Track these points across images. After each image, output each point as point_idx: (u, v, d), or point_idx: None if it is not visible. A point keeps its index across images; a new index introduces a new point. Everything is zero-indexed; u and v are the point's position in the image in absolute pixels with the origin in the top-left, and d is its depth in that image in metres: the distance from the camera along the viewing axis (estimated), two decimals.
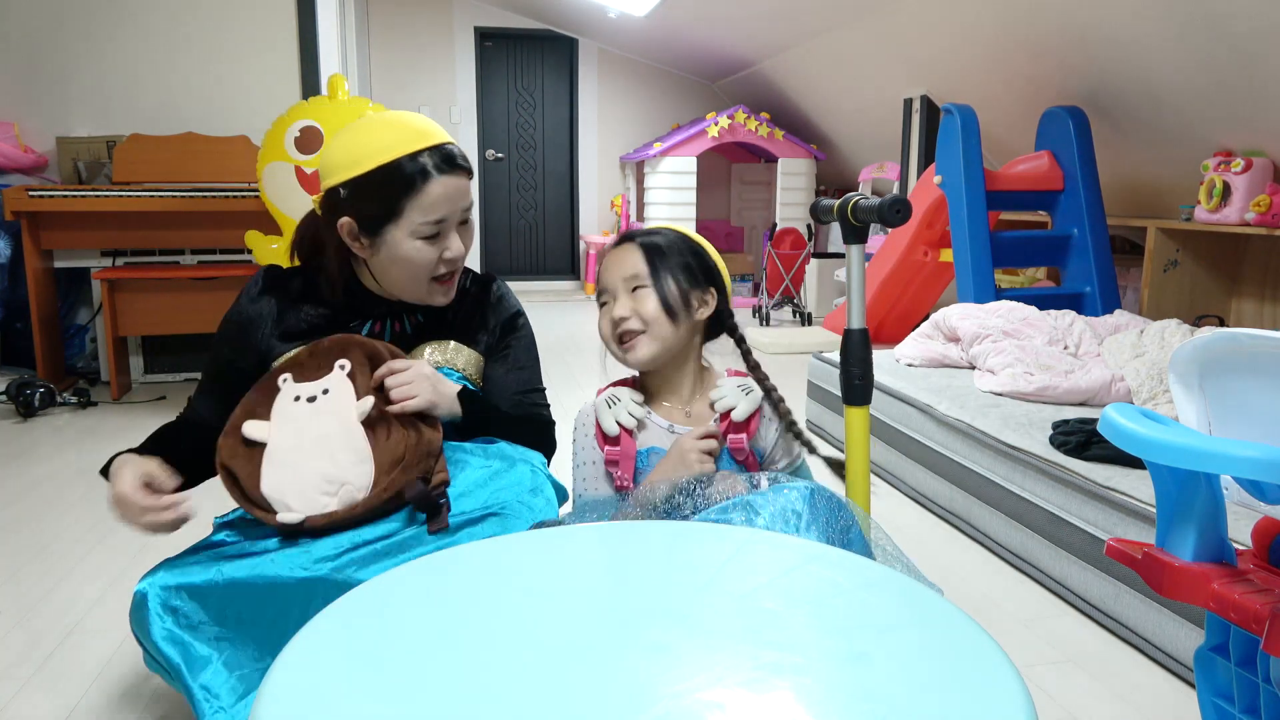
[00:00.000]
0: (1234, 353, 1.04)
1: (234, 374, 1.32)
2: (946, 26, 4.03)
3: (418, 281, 1.31)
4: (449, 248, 1.30)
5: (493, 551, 0.94)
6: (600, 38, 7.14)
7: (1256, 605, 0.85)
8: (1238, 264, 3.60)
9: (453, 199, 1.27)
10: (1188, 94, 3.18)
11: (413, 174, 1.24)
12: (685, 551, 0.94)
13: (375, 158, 1.24)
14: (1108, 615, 1.83)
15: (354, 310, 1.37)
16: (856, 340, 1.42)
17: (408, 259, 1.28)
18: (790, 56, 5.69)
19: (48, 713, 1.52)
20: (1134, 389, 2.51)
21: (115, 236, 3.70)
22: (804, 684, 0.66)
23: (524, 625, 0.76)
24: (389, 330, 1.38)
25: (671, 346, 1.31)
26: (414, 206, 1.25)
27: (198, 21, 4.09)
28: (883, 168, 5.41)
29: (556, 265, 7.66)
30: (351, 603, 0.80)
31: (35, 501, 2.53)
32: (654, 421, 1.34)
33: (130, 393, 3.76)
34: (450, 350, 1.39)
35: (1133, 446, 0.89)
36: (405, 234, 1.26)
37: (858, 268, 1.42)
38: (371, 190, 1.25)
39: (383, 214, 1.26)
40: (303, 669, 0.69)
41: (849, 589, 0.84)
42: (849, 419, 1.45)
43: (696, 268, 1.33)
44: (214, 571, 1.15)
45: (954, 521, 2.40)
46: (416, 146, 1.25)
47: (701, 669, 0.68)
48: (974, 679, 0.68)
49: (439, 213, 1.26)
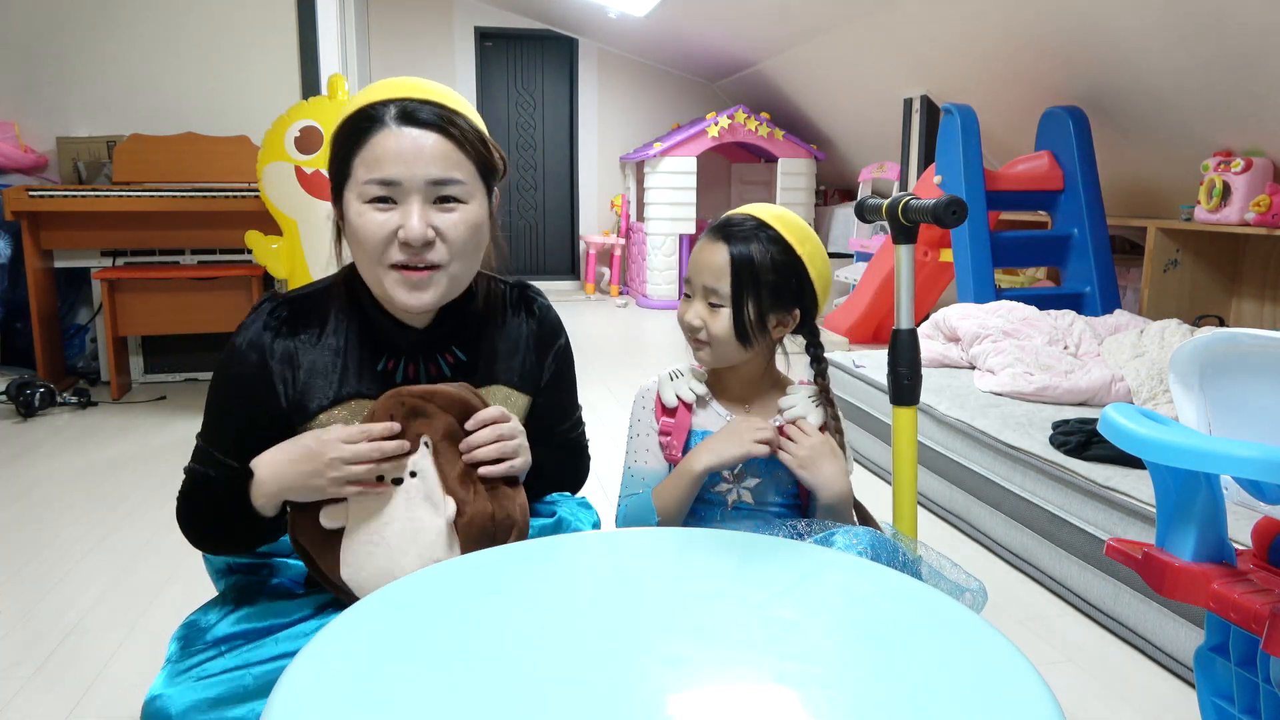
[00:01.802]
0: (1234, 353, 1.04)
1: (256, 433, 1.08)
2: (946, 26, 4.03)
3: (371, 263, 1.05)
4: (405, 225, 1.02)
5: (504, 560, 0.93)
6: (600, 38, 7.14)
7: (1256, 605, 0.85)
8: (1238, 264, 3.60)
9: (409, 159, 1.02)
10: (1188, 94, 3.18)
11: (362, 122, 1.04)
12: (696, 558, 0.93)
13: (350, 109, 1.07)
14: (1108, 615, 1.83)
15: (380, 345, 1.12)
16: (905, 341, 1.42)
17: (354, 229, 1.04)
18: (790, 56, 5.69)
19: (48, 713, 1.52)
20: (1134, 389, 2.51)
21: (115, 236, 3.70)
22: (830, 696, 0.64)
23: (536, 636, 0.75)
24: (424, 373, 1.14)
25: (739, 360, 1.27)
26: (360, 160, 1.03)
27: (198, 22, 4.09)
28: (883, 167, 5.41)
29: (556, 265, 7.66)
30: (361, 613, 0.80)
31: (35, 501, 2.53)
32: (714, 406, 1.30)
33: (130, 393, 3.76)
34: (495, 397, 1.17)
35: (1133, 446, 0.89)
36: (355, 196, 1.04)
37: (907, 268, 1.41)
38: (332, 147, 1.07)
39: (337, 174, 1.06)
40: (313, 680, 0.69)
41: (867, 597, 0.83)
42: (897, 419, 1.45)
43: (787, 287, 1.22)
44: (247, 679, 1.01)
45: (954, 521, 2.40)
46: (382, 97, 1.05)
47: (721, 681, 0.67)
48: (1000, 688, 0.66)
49: (386, 170, 1.01)
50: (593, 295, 7.20)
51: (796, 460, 1.21)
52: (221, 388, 1.10)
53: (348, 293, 1.13)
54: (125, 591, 1.97)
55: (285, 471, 1.02)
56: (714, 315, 1.23)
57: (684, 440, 1.28)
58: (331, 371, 1.10)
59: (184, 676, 1.03)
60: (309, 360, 1.10)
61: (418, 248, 1.03)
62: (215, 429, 1.10)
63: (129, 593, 1.97)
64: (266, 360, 1.08)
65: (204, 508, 1.10)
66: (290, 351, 1.09)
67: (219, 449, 1.09)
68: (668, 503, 1.23)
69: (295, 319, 1.11)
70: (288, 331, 1.10)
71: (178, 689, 1.01)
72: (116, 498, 2.53)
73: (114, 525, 2.34)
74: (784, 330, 1.26)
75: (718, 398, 1.31)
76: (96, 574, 2.06)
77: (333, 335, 1.11)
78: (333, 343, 1.11)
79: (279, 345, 1.09)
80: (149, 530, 2.30)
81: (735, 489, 1.27)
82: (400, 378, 1.12)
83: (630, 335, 5.40)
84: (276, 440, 1.07)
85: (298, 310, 1.11)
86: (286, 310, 1.11)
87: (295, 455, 1.02)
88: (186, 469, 1.12)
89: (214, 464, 1.09)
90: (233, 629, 1.08)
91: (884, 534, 1.10)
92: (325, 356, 1.10)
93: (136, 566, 2.10)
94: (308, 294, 1.13)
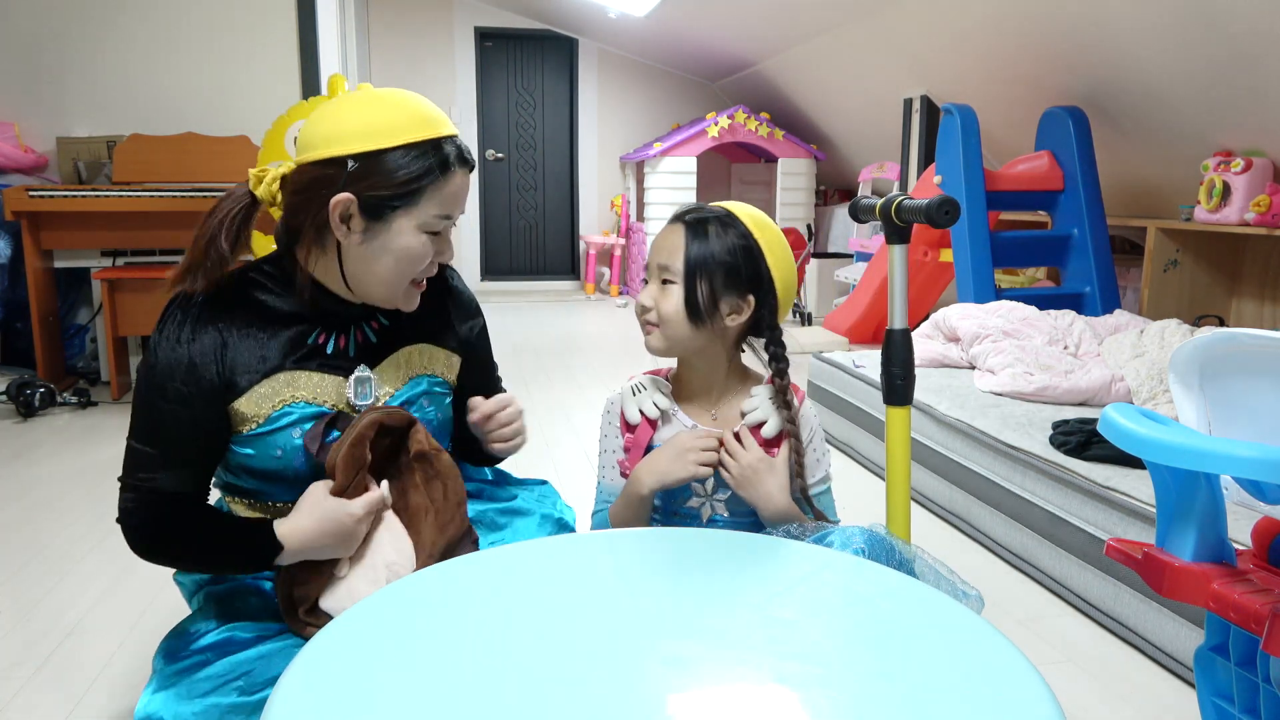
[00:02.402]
0: (1234, 353, 1.04)
1: (201, 436, 1.12)
2: (946, 26, 4.03)
3: (400, 280, 1.14)
4: (444, 250, 1.17)
5: (504, 560, 0.93)
6: (600, 38, 7.14)
7: (1256, 605, 0.85)
8: (1238, 264, 3.60)
9: (462, 198, 1.16)
10: (1188, 94, 3.18)
11: (442, 159, 1.11)
12: (696, 558, 0.93)
13: (402, 134, 1.09)
14: (1108, 615, 1.83)
15: (314, 318, 1.18)
16: (898, 341, 1.41)
17: (405, 252, 1.12)
18: (790, 56, 5.69)
19: (48, 713, 1.52)
20: (1134, 389, 2.51)
21: (115, 236, 3.70)
22: (830, 696, 0.64)
23: (536, 636, 0.75)
24: (353, 342, 1.20)
25: (688, 346, 1.25)
26: (433, 196, 1.11)
27: (198, 22, 4.09)
28: (883, 168, 5.41)
29: (556, 265, 7.66)
30: (362, 612, 0.80)
31: (35, 501, 2.53)
32: (679, 418, 1.28)
33: (130, 393, 3.76)
34: (424, 355, 1.26)
35: (1133, 446, 0.89)
36: (414, 224, 1.11)
37: (900, 268, 1.41)
38: (392, 169, 1.09)
39: (397, 197, 1.10)
40: (311, 681, 0.68)
41: (865, 596, 0.83)
42: (890, 419, 1.44)
43: (743, 271, 1.22)
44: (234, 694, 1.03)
45: (954, 521, 2.40)
46: (443, 132, 1.12)
47: (721, 681, 0.67)
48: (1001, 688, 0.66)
49: (452, 207, 1.14)
50: (593, 295, 7.20)
51: (732, 480, 1.20)
52: (152, 384, 1.11)
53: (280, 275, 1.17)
54: (125, 591, 1.98)
55: (317, 542, 1.09)
56: (665, 294, 1.23)
57: (639, 459, 1.26)
58: (260, 347, 1.14)
59: (173, 687, 1.03)
60: (233, 340, 1.13)
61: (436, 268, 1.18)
62: (155, 429, 1.11)
63: (129, 593, 1.97)
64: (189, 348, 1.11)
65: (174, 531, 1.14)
66: (213, 334, 1.12)
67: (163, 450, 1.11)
68: (622, 523, 1.23)
69: (213, 305, 1.13)
70: (207, 318, 1.12)
71: (167, 702, 1.01)
72: (116, 498, 2.53)
73: (114, 525, 2.32)
74: (737, 318, 1.24)
75: (683, 404, 1.29)
76: (96, 574, 2.06)
77: (254, 315, 1.15)
78: (255, 321, 1.15)
79: (200, 332, 1.11)
80: None
81: (708, 503, 1.26)
82: (331, 348, 1.18)
83: (630, 335, 5.40)
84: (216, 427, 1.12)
85: (215, 296, 1.14)
86: (201, 297, 1.13)
87: (329, 529, 1.08)
88: (125, 480, 1.14)
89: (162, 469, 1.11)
90: (219, 637, 1.09)
91: (878, 534, 1.09)
92: (251, 333, 1.14)
93: (136, 566, 2.10)
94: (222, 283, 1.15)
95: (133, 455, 1.12)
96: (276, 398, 1.13)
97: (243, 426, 1.13)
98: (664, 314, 1.23)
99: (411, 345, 1.25)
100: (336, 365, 1.18)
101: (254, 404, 1.12)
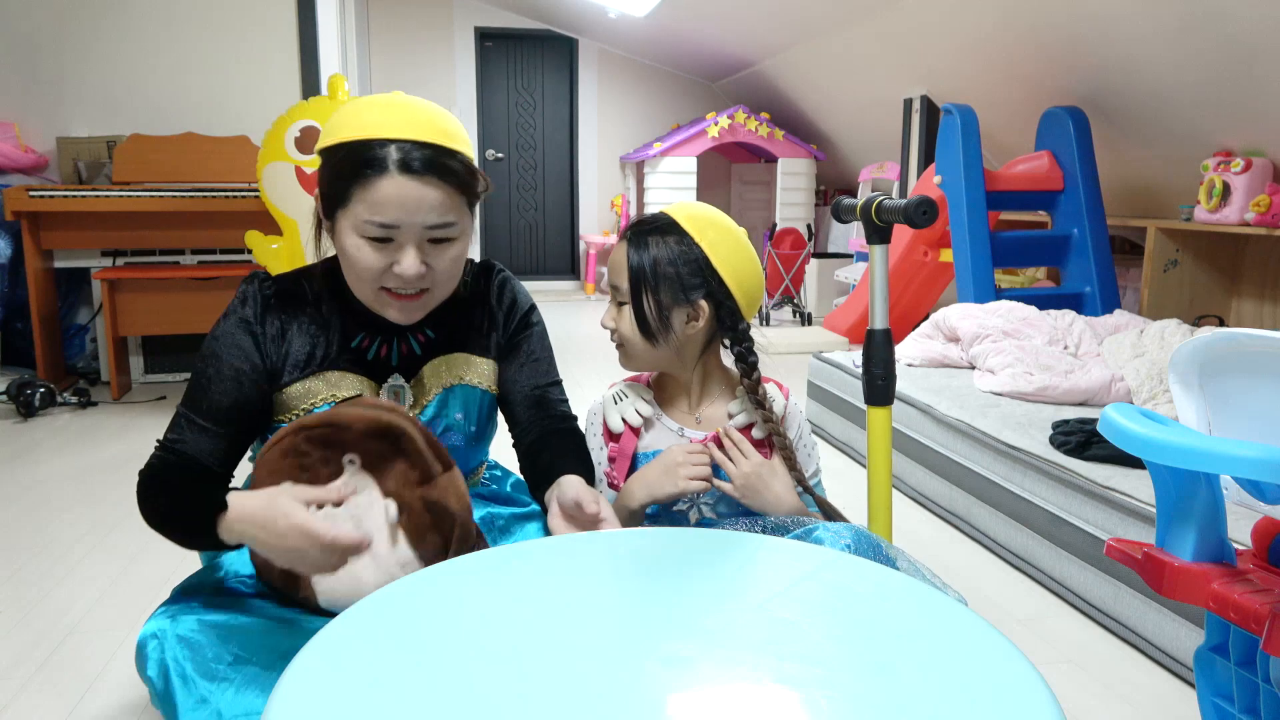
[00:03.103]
0: (1234, 353, 1.04)
1: (242, 413, 1.13)
2: (946, 26, 4.03)
3: (362, 285, 1.12)
4: (399, 262, 1.08)
5: (503, 560, 0.93)
6: (600, 38, 7.14)
7: (1256, 605, 0.85)
8: (1238, 264, 3.60)
9: (409, 207, 1.06)
10: (1188, 94, 3.18)
11: (366, 160, 1.06)
12: (696, 558, 0.93)
13: (347, 131, 1.08)
14: (1108, 615, 1.83)
15: (358, 325, 1.20)
16: (879, 341, 1.41)
17: (347, 256, 1.11)
18: (790, 56, 5.69)
19: (48, 713, 1.52)
20: (1134, 389, 2.51)
21: (115, 236, 3.70)
22: (831, 697, 0.64)
23: (534, 636, 0.75)
24: (396, 351, 1.21)
25: (656, 361, 1.23)
26: (359, 199, 1.07)
27: (198, 22, 4.09)
28: (883, 167, 5.41)
29: (556, 265, 7.66)
30: (358, 614, 0.80)
31: (35, 501, 2.53)
32: (664, 423, 1.26)
33: (130, 393, 3.76)
34: (459, 365, 1.24)
35: (1133, 446, 0.89)
36: (349, 226, 1.09)
37: (881, 268, 1.40)
38: (330, 166, 1.10)
39: (333, 195, 1.10)
40: (313, 679, 0.68)
41: (865, 596, 0.83)
42: (871, 419, 1.44)
43: (684, 279, 1.18)
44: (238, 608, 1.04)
45: (954, 521, 2.40)
46: (393, 135, 1.07)
47: (723, 682, 0.67)
48: (1000, 686, 0.66)
49: (386, 215, 1.06)
50: (593, 295, 7.20)
51: (736, 492, 1.18)
52: (210, 352, 1.15)
53: (330, 279, 1.20)
54: (125, 591, 1.98)
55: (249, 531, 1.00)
56: (621, 314, 1.22)
57: (627, 467, 1.25)
58: (311, 345, 1.18)
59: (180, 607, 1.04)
60: (291, 332, 1.18)
61: (411, 282, 1.11)
62: (199, 394, 1.13)
63: (129, 593, 1.97)
64: (254, 327, 1.16)
65: (169, 487, 1.10)
66: (276, 321, 1.17)
67: (199, 413, 1.12)
68: None
69: (283, 295, 1.19)
70: (276, 304, 1.18)
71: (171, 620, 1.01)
72: (116, 498, 2.53)
73: (114, 525, 2.34)
74: (696, 326, 1.21)
75: (666, 408, 1.27)
76: (96, 574, 2.06)
77: (314, 312, 1.19)
78: (314, 318, 1.19)
79: (268, 315, 1.17)
80: (149, 530, 2.29)
81: (695, 506, 1.25)
82: (372, 355, 1.21)
83: None
84: (256, 406, 1.14)
85: (284, 288, 1.20)
86: (274, 286, 1.19)
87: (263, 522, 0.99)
88: (158, 440, 1.14)
89: (192, 431, 1.12)
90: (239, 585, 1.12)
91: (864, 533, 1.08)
92: (306, 330, 1.18)
93: (136, 566, 2.10)
94: (293, 276, 1.22)
95: (174, 419, 1.14)
96: (316, 396, 1.17)
97: (281, 417, 1.18)
98: (624, 334, 1.22)
99: (448, 355, 1.24)
100: (377, 373, 1.21)
101: (295, 398, 1.16)
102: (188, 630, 1.00)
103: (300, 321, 1.18)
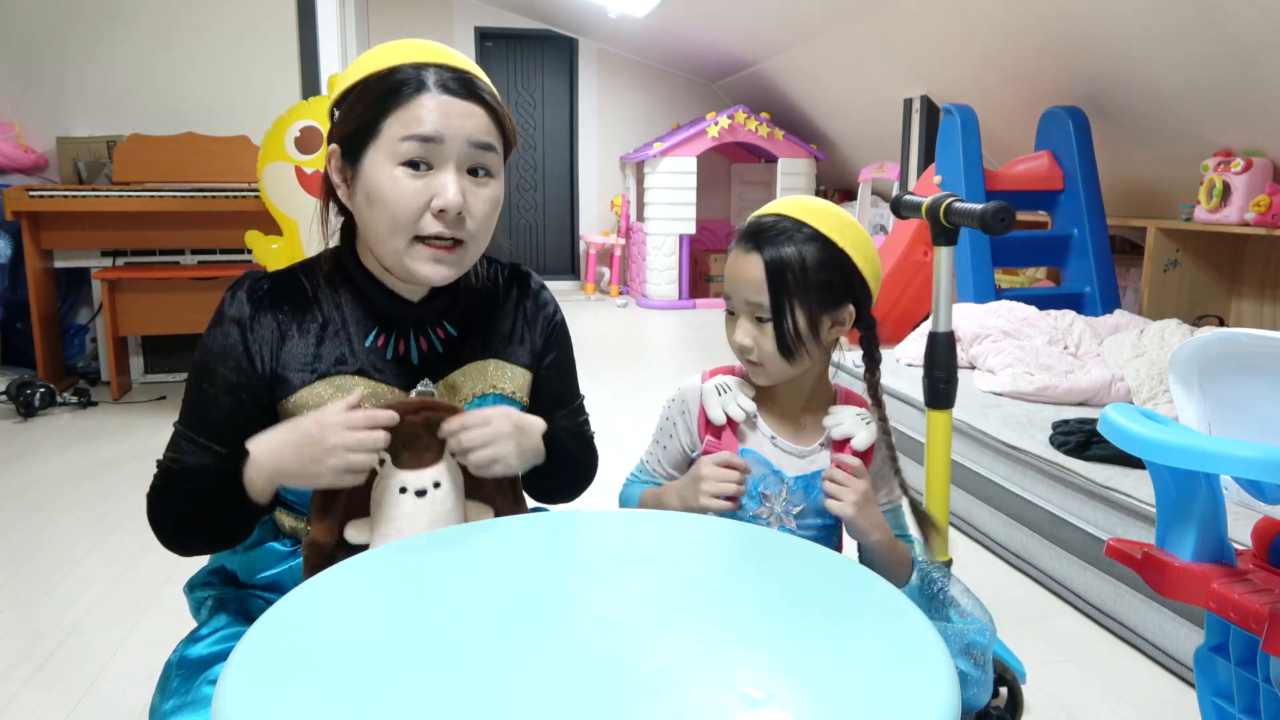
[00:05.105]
0: (1234, 353, 1.04)
1: (242, 426, 1.01)
2: (946, 26, 4.04)
3: (394, 232, 0.99)
4: (443, 190, 0.97)
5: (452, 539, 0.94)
6: (600, 38, 7.14)
7: (1256, 605, 0.85)
8: (1238, 264, 3.60)
9: (453, 118, 0.97)
10: (1188, 94, 3.18)
11: (402, 81, 0.98)
12: (640, 536, 0.97)
13: (374, 65, 1.00)
14: (1108, 615, 1.83)
15: (371, 317, 1.08)
16: (942, 344, 1.39)
17: (381, 193, 0.98)
18: (790, 56, 5.69)
19: (48, 713, 1.52)
20: (1134, 389, 2.51)
21: (115, 236, 3.70)
22: (745, 656, 0.71)
23: (474, 605, 0.79)
24: (415, 348, 1.10)
25: (786, 374, 1.16)
26: (395, 119, 0.97)
27: (198, 22, 4.10)
28: (883, 167, 5.41)
29: (556, 265, 7.66)
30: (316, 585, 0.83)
31: (35, 501, 2.53)
32: (760, 426, 1.19)
33: (130, 393, 3.76)
34: (492, 371, 1.14)
35: (1133, 446, 0.89)
36: (383, 155, 0.98)
37: (947, 271, 1.37)
38: (355, 102, 1.00)
39: (361, 129, 0.99)
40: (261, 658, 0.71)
41: (797, 574, 0.87)
42: (931, 422, 1.42)
43: (835, 283, 1.11)
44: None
45: (954, 521, 2.40)
46: (422, 59, 0.99)
47: (651, 642, 0.72)
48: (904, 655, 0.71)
49: (428, 126, 0.96)
50: (593, 295, 7.20)
51: (846, 514, 1.11)
52: (202, 365, 1.05)
53: (337, 268, 1.09)
54: (125, 591, 1.98)
55: (283, 455, 0.95)
56: (763, 332, 1.12)
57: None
58: (316, 345, 1.06)
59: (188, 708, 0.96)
60: (291, 333, 1.06)
61: (452, 218, 0.99)
62: (196, 412, 1.04)
63: (129, 593, 1.97)
64: (245, 333, 1.04)
65: (178, 498, 1.04)
66: (272, 324, 1.05)
67: (199, 433, 1.04)
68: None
69: (277, 293, 1.07)
70: (269, 304, 1.05)
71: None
72: (116, 498, 2.53)
73: (114, 525, 2.34)
74: (840, 330, 1.15)
75: (765, 413, 1.20)
76: (96, 574, 2.06)
77: (318, 309, 1.08)
78: (318, 316, 1.07)
79: (260, 318, 1.05)
80: (149, 530, 2.29)
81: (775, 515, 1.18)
82: (390, 353, 1.09)
83: (630, 335, 5.39)
84: (259, 422, 1.02)
85: (280, 285, 1.08)
86: (268, 284, 1.07)
87: (295, 439, 0.95)
88: (159, 461, 1.07)
89: (193, 450, 1.03)
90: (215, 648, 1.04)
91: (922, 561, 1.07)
92: (310, 329, 1.06)
93: (136, 566, 2.10)
94: (290, 271, 1.10)
95: (172, 438, 1.05)
96: (324, 402, 1.04)
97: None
98: (767, 353, 1.13)
99: (481, 360, 1.14)
100: (398, 374, 1.09)
101: (301, 407, 1.04)
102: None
103: (300, 320, 1.06)
